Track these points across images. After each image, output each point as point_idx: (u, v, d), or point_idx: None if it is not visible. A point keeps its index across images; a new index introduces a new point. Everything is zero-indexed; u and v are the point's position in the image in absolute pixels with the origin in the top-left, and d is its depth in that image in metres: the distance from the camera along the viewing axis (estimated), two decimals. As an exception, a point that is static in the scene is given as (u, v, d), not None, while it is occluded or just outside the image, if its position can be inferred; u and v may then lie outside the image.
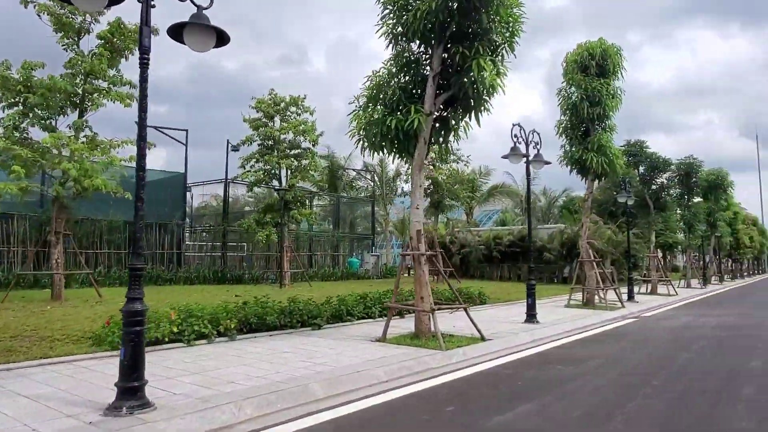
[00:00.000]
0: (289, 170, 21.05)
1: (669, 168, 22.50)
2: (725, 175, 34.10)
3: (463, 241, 31.69)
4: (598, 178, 15.64)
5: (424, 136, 8.80)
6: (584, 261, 15.56)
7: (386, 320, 8.69)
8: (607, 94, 14.99)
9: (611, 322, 12.50)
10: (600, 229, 30.17)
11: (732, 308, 16.58)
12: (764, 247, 69.12)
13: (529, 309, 11.32)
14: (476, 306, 14.47)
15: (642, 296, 20.35)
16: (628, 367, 7.08)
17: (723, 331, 10.77)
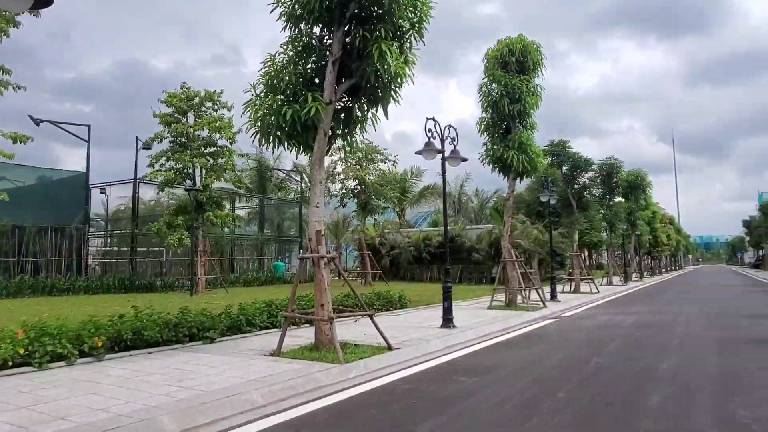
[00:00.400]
0: (203, 169, 19.73)
1: (591, 168, 22.84)
2: (644, 176, 35.43)
3: (393, 242, 31.18)
4: (519, 176, 15.38)
5: (324, 128, 8.01)
6: (506, 261, 15.26)
7: (281, 332, 7.81)
8: (527, 91, 14.76)
9: (531, 324, 12.16)
10: (527, 228, 30.49)
11: (649, 305, 16.80)
12: (680, 244, 73.27)
13: (445, 313, 10.75)
14: (396, 310, 13.83)
15: (565, 295, 20.45)
16: (536, 375, 6.55)
17: (638, 329, 10.61)
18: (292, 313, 8.04)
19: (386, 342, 8.05)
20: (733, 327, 10.96)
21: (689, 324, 11.44)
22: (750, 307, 15.65)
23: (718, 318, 12.67)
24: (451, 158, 11.43)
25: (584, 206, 23.39)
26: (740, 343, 8.71)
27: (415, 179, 41.58)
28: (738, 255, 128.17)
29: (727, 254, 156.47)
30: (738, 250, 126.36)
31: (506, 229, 15.52)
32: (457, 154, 11.48)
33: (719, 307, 15.82)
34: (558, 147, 22.62)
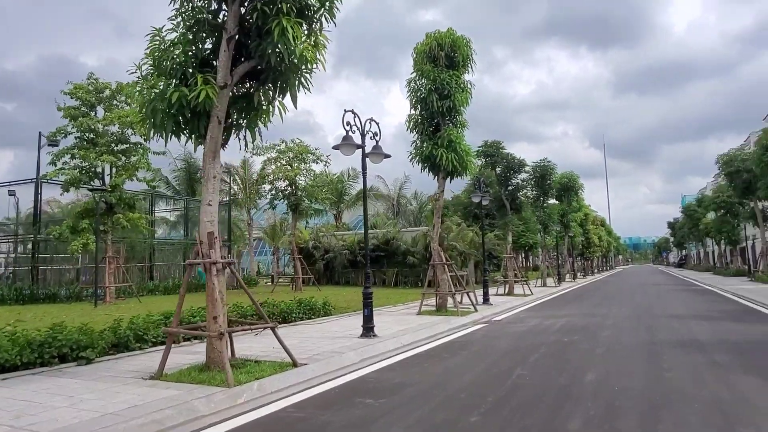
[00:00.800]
0: (113, 168, 18.09)
1: (524, 169, 22.72)
2: (576, 178, 36.08)
3: (327, 246, 30.20)
4: (449, 176, 14.81)
5: (218, 115, 7.01)
6: (436, 264, 14.64)
7: (164, 350, 6.74)
8: (456, 87, 14.23)
9: (459, 330, 11.54)
10: (463, 231, 30.28)
11: (579, 306, 16.65)
12: (611, 245, 76.02)
13: (365, 321, 9.93)
14: (318, 318, 12.89)
15: (499, 298, 20.14)
16: (451, 392, 5.82)
17: (566, 334, 10.16)
18: (176, 329, 6.96)
19: (291, 358, 7.13)
20: (660, 329, 10.72)
21: (617, 327, 11.13)
22: (674, 307, 15.73)
23: (645, 319, 12.49)
24: (373, 154, 10.64)
25: (518, 208, 23.26)
26: (666, 348, 8.35)
27: (351, 181, 40.74)
28: (664, 255, 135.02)
29: (654, 254, 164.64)
30: (664, 250, 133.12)
31: (436, 230, 14.91)
32: (379, 150, 10.70)
33: (646, 307, 15.82)
34: (492, 148, 22.38)
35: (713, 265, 52.29)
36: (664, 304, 17.10)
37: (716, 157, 30.61)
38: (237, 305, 11.07)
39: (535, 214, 29.86)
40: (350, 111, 10.07)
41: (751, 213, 33.38)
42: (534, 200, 29.73)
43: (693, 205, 55.35)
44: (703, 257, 63.95)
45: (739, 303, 16.82)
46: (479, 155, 22.64)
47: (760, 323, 11.51)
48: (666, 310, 14.88)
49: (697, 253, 74.44)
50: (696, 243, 66.20)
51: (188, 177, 38.57)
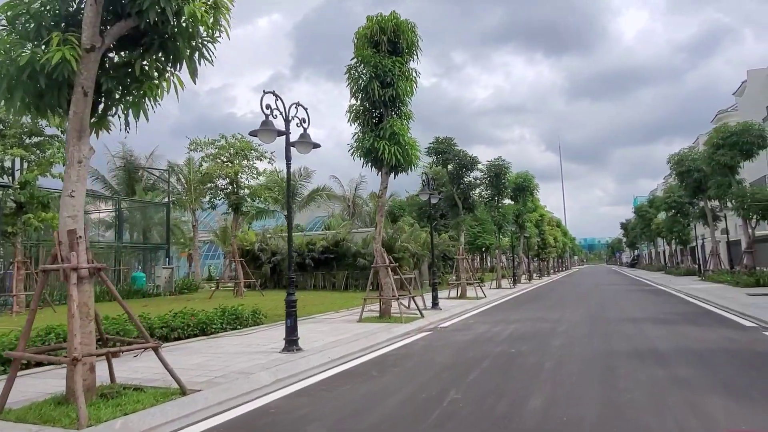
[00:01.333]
0: (26, 163, 16.24)
1: (476, 166, 21.87)
2: (531, 179, 35.64)
3: (275, 248, 28.69)
4: (393, 171, 13.68)
5: (84, 85, 5.63)
6: (378, 267, 13.49)
7: (7, 380, 5.33)
8: (400, 75, 13.12)
9: (400, 339, 10.41)
10: (416, 231, 29.29)
11: (532, 309, 15.81)
12: (567, 246, 76.83)
13: (288, 333, 8.67)
14: (245, 329, 11.53)
15: (450, 301, 19.18)
16: (365, 427, 4.64)
17: (514, 344, 9.16)
18: (21, 353, 5.52)
19: (178, 384, 5.81)
20: (615, 336, 9.86)
21: (569, 334, 10.21)
22: (629, 309, 15.07)
23: (599, 324, 11.67)
24: (300, 143, 9.39)
25: (471, 207, 22.39)
26: (623, 360, 7.42)
27: (303, 181, 39.26)
28: (617, 255, 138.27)
29: (608, 255, 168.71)
30: (617, 250, 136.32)
31: (378, 230, 13.77)
32: (307, 139, 9.46)
33: (600, 310, 15.10)
34: (443, 144, 21.43)
35: (664, 265, 53.14)
36: (618, 306, 16.46)
37: (668, 157, 30.65)
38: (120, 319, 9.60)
39: (489, 214, 29.15)
40: (271, 92, 8.79)
41: (701, 213, 33.66)
42: (488, 200, 29.04)
43: (645, 206, 56.19)
44: (655, 257, 65.23)
45: (693, 304, 16.32)
46: (430, 152, 21.69)
47: (718, 326, 10.81)
48: (621, 313, 14.17)
49: (648, 253, 76.05)
50: (648, 243, 67.48)
51: (128, 176, 36.35)
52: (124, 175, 36.29)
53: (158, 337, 9.61)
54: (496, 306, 17.87)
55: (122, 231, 26.91)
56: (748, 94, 38.27)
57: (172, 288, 25.15)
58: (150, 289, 24.37)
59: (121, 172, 36.23)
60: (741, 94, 40.31)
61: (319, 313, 15.09)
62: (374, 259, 14.10)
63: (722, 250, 33.92)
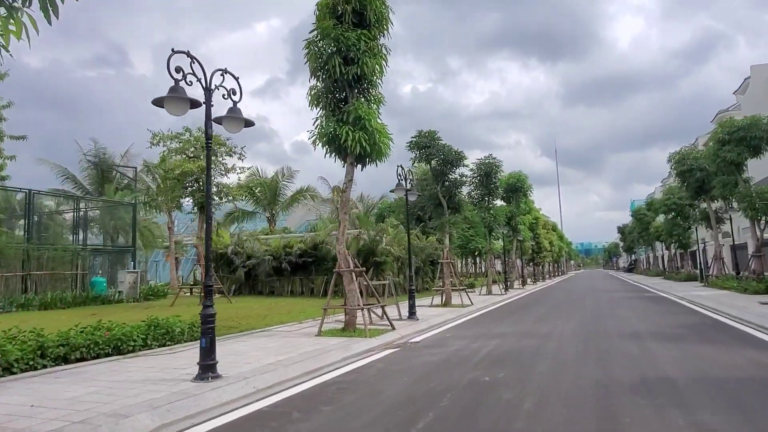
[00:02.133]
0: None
1: (462, 162, 20.10)
2: (524, 179, 33.98)
3: (250, 251, 26.86)
4: (360, 162, 11.91)
5: None
6: (342, 271, 11.70)
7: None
8: (366, 51, 11.36)
9: (355, 360, 8.63)
10: (399, 234, 27.53)
11: (520, 321, 14.05)
12: (563, 250, 75.12)
13: (203, 356, 6.86)
14: (177, 346, 9.72)
15: (432, 310, 17.39)
16: None
17: (489, 368, 7.38)
18: None
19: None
20: (614, 358, 8.09)
21: (558, 356, 8.43)
22: (629, 321, 13.31)
23: (595, 341, 9.90)
24: (228, 119, 7.60)
25: (457, 206, 20.61)
26: (625, 396, 5.66)
27: (286, 181, 37.46)
28: (614, 260, 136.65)
29: (604, 259, 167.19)
30: (614, 255, 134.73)
31: (342, 230, 11.98)
32: (237, 113, 7.68)
33: (596, 321, 13.34)
34: (426, 138, 19.69)
35: (663, 270, 51.47)
36: (617, 316, 14.70)
37: (668, 155, 28.97)
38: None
39: (479, 215, 27.41)
40: (183, 52, 6.98)
41: (703, 215, 31.97)
42: (478, 200, 27.31)
43: (642, 209, 54.56)
44: (653, 262, 63.52)
45: (701, 314, 14.57)
46: (412, 147, 19.95)
47: (738, 345, 9.05)
48: (620, 325, 12.40)
49: (646, 258, 74.39)
50: (646, 247, 65.80)
51: (100, 175, 34.49)
52: (96, 174, 34.44)
53: (53, 358, 7.81)
54: (482, 315, 16.10)
55: (85, 233, 25.06)
56: (751, 92, 36.67)
57: (136, 294, 23.29)
58: (111, 295, 22.51)
59: (93, 171, 34.37)
60: (743, 92, 38.72)
61: (279, 324, 13.29)
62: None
63: (726, 253, 32.23)
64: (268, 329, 12.35)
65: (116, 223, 27.15)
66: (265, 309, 17.90)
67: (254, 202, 37.81)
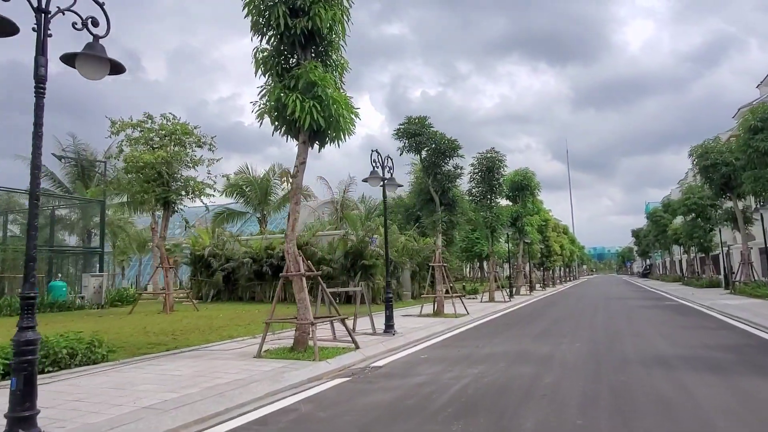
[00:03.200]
0: None
1: (457, 152, 17.69)
2: (531, 176, 31.53)
3: (230, 253, 24.67)
4: (317, 141, 9.61)
5: None
6: (290, 276, 9.41)
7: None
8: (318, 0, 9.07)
9: (280, 397, 6.32)
10: (393, 234, 25.17)
11: (516, 337, 11.64)
12: (574, 254, 72.16)
13: (13, 405, 4.54)
14: (60, 373, 7.45)
15: (419, 320, 15.04)
16: None
17: (449, 424, 5.01)
18: None
19: None
20: (638, 401, 5.70)
21: (558, 397, 6.03)
22: (651, 338, 10.86)
23: (610, 370, 7.48)
24: (85, 57, 5.33)
25: (450, 202, 18.22)
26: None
27: (278, 179, 35.27)
28: (628, 265, 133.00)
29: (618, 264, 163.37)
30: (628, 260, 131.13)
31: (291, 224, 9.67)
32: (97, 51, 5.39)
33: (611, 341, 10.88)
34: (415, 125, 17.36)
35: (681, 275, 48.52)
36: (635, 331, 12.22)
37: (689, 150, 26.34)
38: None
39: (480, 214, 25.00)
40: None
41: (728, 215, 29.23)
42: (479, 198, 24.90)
43: (659, 211, 51.71)
44: (670, 266, 60.43)
45: (740, 330, 12.04)
46: (400, 135, 17.62)
47: (807, 379, 6.58)
48: (641, 345, 9.96)
49: (662, 262, 71.23)
50: (662, 251, 62.72)
51: (81, 173, 32.55)
52: (77, 172, 32.50)
53: None
54: (474, 329, 13.70)
55: (52, 232, 23.01)
56: (777, 83, 33.90)
57: (101, 300, 21.17)
58: (71, 301, 20.40)
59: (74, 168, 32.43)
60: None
61: (224, 340, 11.02)
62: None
63: (755, 257, 29.45)
64: (204, 347, 10.06)
65: (86, 222, 25.09)
66: (228, 319, 15.66)
67: (244, 202, 35.69)
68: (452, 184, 17.69)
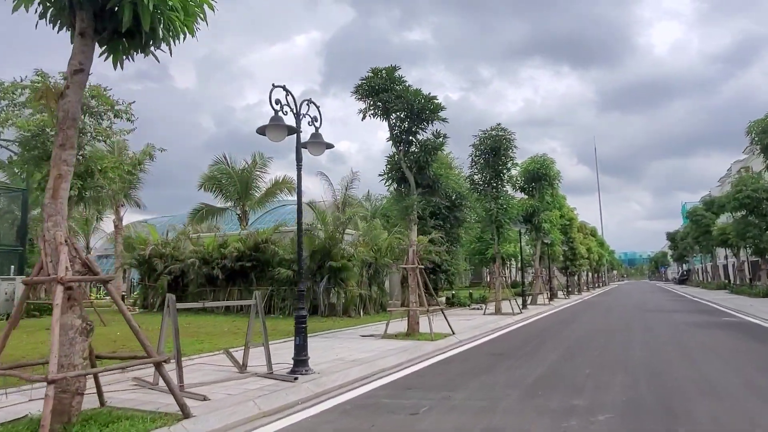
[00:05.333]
0: None
1: (438, 116, 13.06)
2: (549, 164, 26.64)
3: (177, 253, 20.51)
4: (110, 38, 5.23)
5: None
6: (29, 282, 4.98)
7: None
8: None
9: None
10: (375, 230, 20.65)
11: (495, 390, 6.99)
12: (603, 258, 66.28)
13: None
14: None
15: (376, 344, 10.54)
16: None
17: None
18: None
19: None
20: None
21: None
22: (731, 390, 6.15)
23: None
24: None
25: (431, 184, 13.61)
26: None
27: (259, 170, 31.12)
28: (662, 270, 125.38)
29: (650, 270, 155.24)
30: (661, 265, 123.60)
31: (52, 184, 5.24)
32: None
33: (664, 406, 6.15)
34: (379, 78, 12.82)
35: (728, 281, 42.61)
36: (703, 378, 7.42)
37: (747, 126, 21.16)
38: None
39: (482, 205, 20.38)
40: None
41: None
42: (482, 187, 20.26)
43: (700, 209, 45.93)
44: (712, 271, 54.22)
45: None
46: (361, 93, 13.11)
47: None
48: (716, 406, 5.29)
49: (702, 267, 64.86)
50: (703, 255, 56.52)
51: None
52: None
53: None
54: (441, 365, 9.07)
55: None
56: None
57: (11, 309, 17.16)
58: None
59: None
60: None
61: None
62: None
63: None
64: None
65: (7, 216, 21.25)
66: (112, 341, 11.40)
67: (223, 197, 31.61)
68: (432, 157, 13.07)
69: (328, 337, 12.43)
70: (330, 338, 12.16)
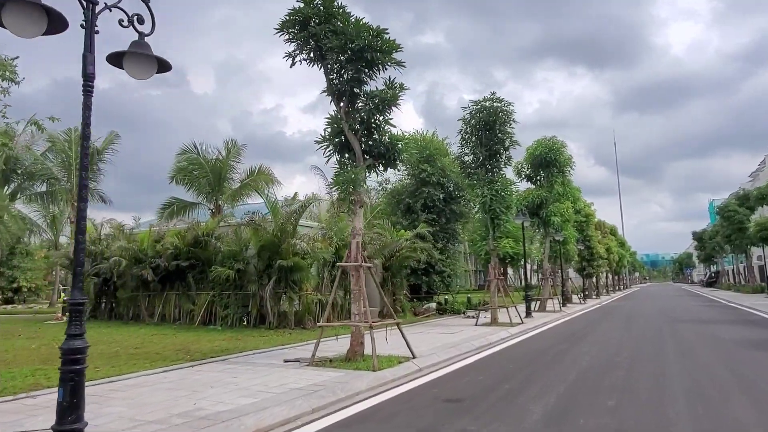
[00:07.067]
0: None
1: (391, 58, 9.49)
2: (560, 148, 22.91)
3: (105, 251, 17.26)
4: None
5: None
6: None
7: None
8: None
9: None
10: (341, 222, 17.14)
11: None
12: (624, 259, 61.80)
13: None
14: None
15: (291, 377, 6.99)
16: None
17: None
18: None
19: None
20: None
21: None
22: None
23: None
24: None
25: (387, 154, 10.01)
26: None
27: (233, 160, 27.84)
28: (687, 272, 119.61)
29: (674, 271, 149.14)
30: (687, 267, 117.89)
31: None
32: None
33: None
34: (314, 9, 9.31)
35: (765, 284, 38.14)
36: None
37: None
38: None
39: (474, 191, 16.83)
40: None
41: None
42: (475, 169, 16.70)
43: (732, 204, 41.54)
44: (747, 273, 49.49)
45: None
46: (286, 30, 9.59)
47: None
48: None
49: (734, 269, 60.01)
50: (736, 255, 51.83)
51: None
52: None
53: None
54: (369, 415, 5.53)
55: None
56: None
57: None
58: None
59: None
60: None
61: None
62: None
63: None
64: None
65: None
66: None
67: (195, 190, 28.39)
68: (385, 115, 9.53)
69: (232, 363, 8.90)
70: (227, 367, 8.56)
